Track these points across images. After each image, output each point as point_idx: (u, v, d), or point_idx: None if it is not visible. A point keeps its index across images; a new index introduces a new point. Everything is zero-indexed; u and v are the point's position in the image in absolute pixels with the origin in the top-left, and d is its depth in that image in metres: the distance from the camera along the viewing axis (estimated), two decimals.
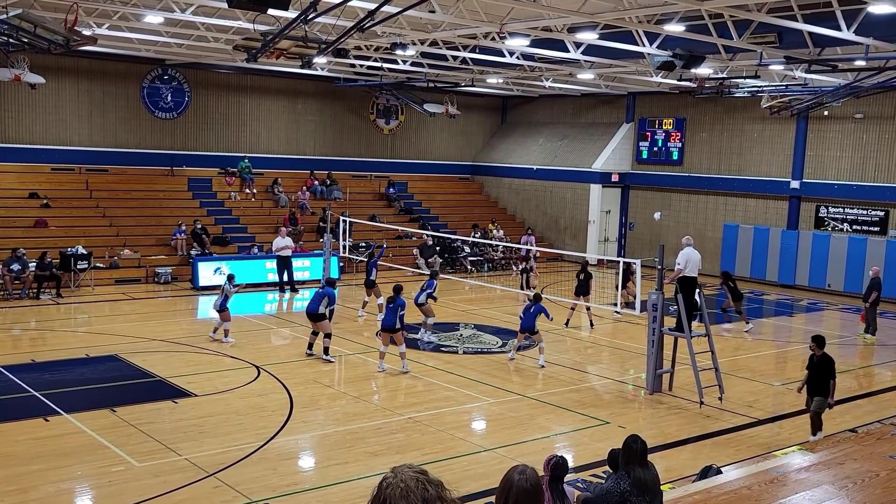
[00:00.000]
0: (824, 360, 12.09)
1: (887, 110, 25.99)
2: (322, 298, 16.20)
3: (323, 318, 16.29)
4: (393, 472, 2.95)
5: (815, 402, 12.06)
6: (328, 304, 16.44)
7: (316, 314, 16.16)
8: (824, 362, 12.06)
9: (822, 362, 12.08)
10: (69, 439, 11.39)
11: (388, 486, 2.90)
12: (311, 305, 16.37)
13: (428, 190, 35.33)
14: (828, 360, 12.05)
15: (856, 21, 15.46)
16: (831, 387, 11.95)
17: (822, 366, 12.07)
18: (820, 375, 12.02)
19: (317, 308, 16.12)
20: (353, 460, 10.94)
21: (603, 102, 34.19)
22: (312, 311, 16.21)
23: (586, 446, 11.88)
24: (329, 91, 32.58)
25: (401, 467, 2.98)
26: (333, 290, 17.18)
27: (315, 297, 16.38)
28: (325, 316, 16.40)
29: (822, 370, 12.03)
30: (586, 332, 20.32)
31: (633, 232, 33.17)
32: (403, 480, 2.89)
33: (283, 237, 24.45)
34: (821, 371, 12.04)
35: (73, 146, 27.71)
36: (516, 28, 17.70)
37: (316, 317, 16.19)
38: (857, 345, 19.93)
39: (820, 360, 12.12)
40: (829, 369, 11.97)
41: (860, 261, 25.58)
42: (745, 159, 29.68)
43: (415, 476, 2.90)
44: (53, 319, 19.96)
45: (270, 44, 16.02)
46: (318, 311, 16.13)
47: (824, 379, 11.96)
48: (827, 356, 12.10)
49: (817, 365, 12.13)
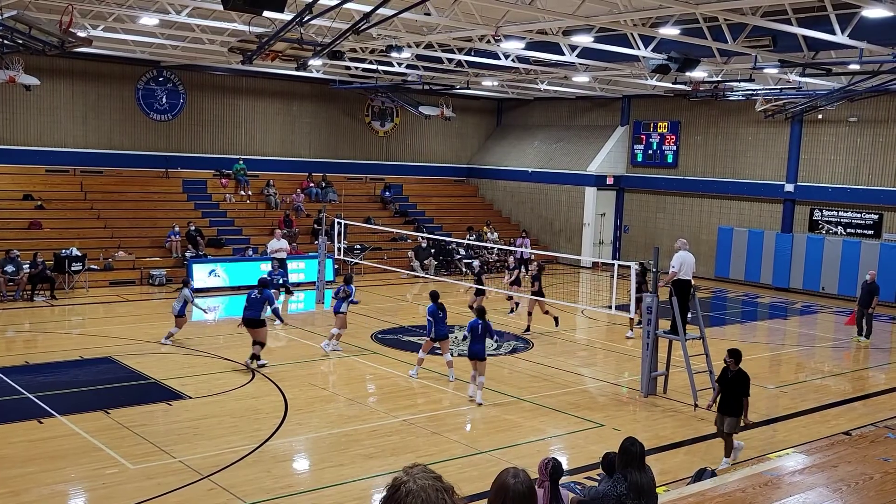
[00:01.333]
0: (739, 375, 11.30)
1: (881, 114, 26.07)
2: (262, 304, 15.25)
3: (262, 325, 15.28)
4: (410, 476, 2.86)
5: (727, 422, 11.24)
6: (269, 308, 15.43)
7: (255, 321, 15.24)
8: (739, 378, 11.29)
9: (737, 378, 11.30)
10: (63, 441, 11.36)
11: (407, 492, 2.81)
12: (249, 312, 15.30)
13: (423, 192, 35.34)
14: (743, 376, 11.29)
15: (850, 25, 15.50)
16: (745, 405, 11.24)
17: (736, 382, 11.28)
18: (734, 392, 11.22)
19: (257, 314, 15.23)
20: (347, 462, 10.93)
21: (598, 105, 34.24)
22: (252, 318, 15.23)
23: (581, 449, 11.88)
24: (324, 93, 32.57)
25: (415, 470, 2.89)
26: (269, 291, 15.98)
27: (254, 303, 15.31)
28: (264, 323, 15.36)
29: (737, 387, 11.24)
30: (581, 335, 20.33)
31: (628, 235, 33.21)
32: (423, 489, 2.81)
33: (279, 239, 24.44)
34: (735, 388, 11.25)
35: (68, 148, 27.65)
36: (511, 31, 17.72)
37: (254, 324, 15.25)
38: (851, 348, 19.97)
39: (735, 375, 11.32)
40: (744, 386, 11.23)
41: (854, 264, 25.65)
42: (739, 162, 29.74)
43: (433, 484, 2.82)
44: (47, 321, 19.91)
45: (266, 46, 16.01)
46: (258, 318, 15.23)
47: (738, 396, 11.19)
48: (742, 372, 11.34)
49: (732, 381, 11.30)
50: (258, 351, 15.34)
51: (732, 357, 11.40)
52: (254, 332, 15.33)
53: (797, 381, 16.55)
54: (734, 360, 11.35)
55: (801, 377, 17.09)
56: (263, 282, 16.39)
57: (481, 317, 13.88)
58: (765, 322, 23.99)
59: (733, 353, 11.46)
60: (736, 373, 11.31)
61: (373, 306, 22.34)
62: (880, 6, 13.68)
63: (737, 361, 11.37)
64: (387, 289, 25.62)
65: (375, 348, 17.74)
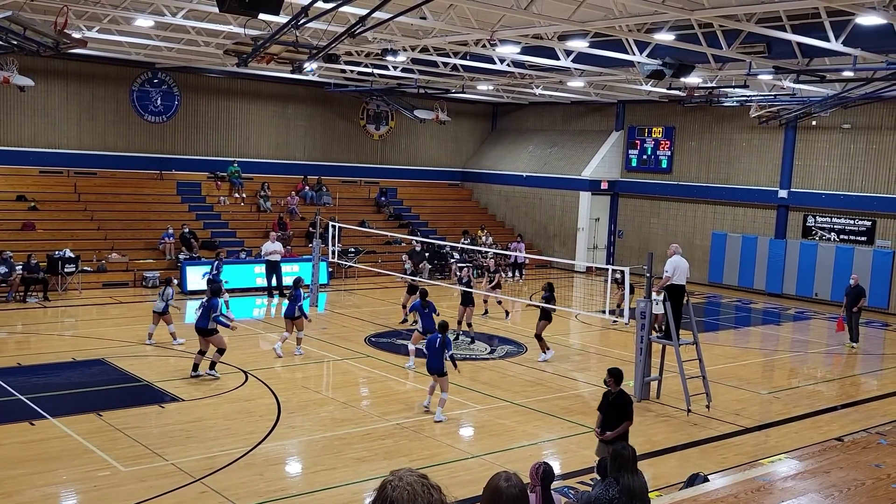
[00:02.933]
0: (620, 398, 10.16)
1: (875, 121, 26.17)
2: (209, 311, 14.80)
3: (213, 333, 14.83)
4: (396, 476, 2.94)
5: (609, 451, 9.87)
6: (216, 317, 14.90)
7: (205, 329, 14.81)
8: (620, 401, 10.14)
9: (618, 401, 10.15)
10: (55, 443, 11.32)
11: (393, 488, 2.88)
12: (199, 321, 14.94)
13: (418, 196, 35.35)
14: (624, 398, 10.15)
15: (844, 32, 15.56)
16: (621, 429, 9.97)
17: (616, 405, 10.12)
18: (614, 416, 10.07)
19: (206, 323, 14.80)
20: (340, 466, 10.92)
21: (593, 110, 34.31)
22: (202, 327, 14.82)
23: (574, 453, 11.88)
24: (319, 96, 32.57)
25: (402, 471, 2.97)
26: (219, 299, 15.58)
27: (203, 311, 14.92)
28: (216, 331, 14.88)
29: (617, 410, 10.08)
30: (574, 339, 20.34)
31: (622, 240, 33.26)
32: (409, 484, 2.88)
33: (273, 242, 24.41)
34: (615, 411, 10.10)
35: (62, 149, 27.60)
36: (507, 35, 17.75)
37: (205, 332, 14.81)
38: (843, 354, 20.03)
39: (615, 398, 10.17)
40: (626, 410, 10.06)
41: (847, 270, 25.69)
42: (733, 168, 29.82)
43: (419, 480, 2.91)
44: (40, 323, 19.85)
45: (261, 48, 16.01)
46: (206, 327, 14.80)
47: (619, 421, 10.02)
48: (624, 394, 10.20)
49: (612, 404, 10.16)
50: (217, 358, 14.93)
51: (612, 377, 10.24)
52: (204, 340, 14.87)
53: (790, 387, 16.59)
54: (614, 380, 10.21)
55: (793, 383, 17.12)
56: (214, 290, 15.96)
57: (443, 331, 13.25)
58: (758, 327, 24.04)
59: (613, 372, 10.27)
60: (617, 394, 10.18)
61: (366, 309, 22.34)
62: (874, 14, 13.74)
63: (617, 381, 10.23)
64: (381, 292, 25.60)
65: (369, 351, 17.73)
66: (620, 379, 10.25)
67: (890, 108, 25.54)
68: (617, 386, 10.17)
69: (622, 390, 10.19)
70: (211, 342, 14.93)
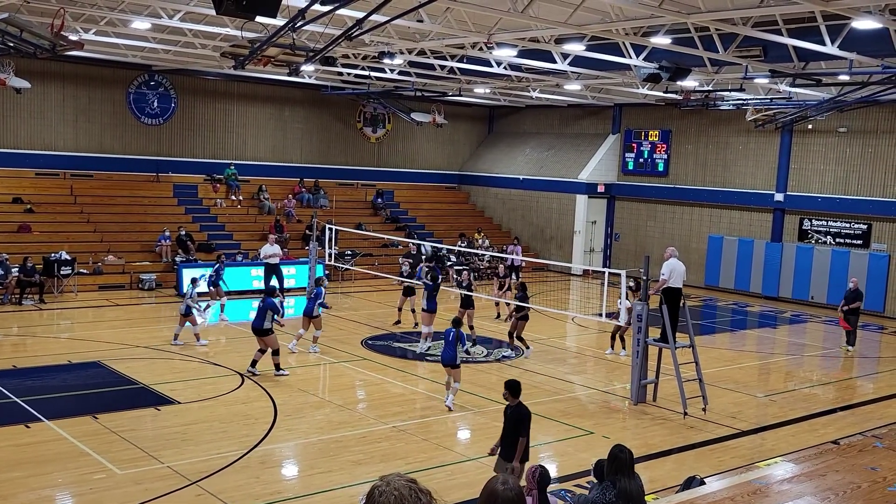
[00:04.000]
0: (517, 412, 9.42)
1: (871, 124, 26.23)
2: (265, 312, 15.29)
3: (268, 334, 15.31)
4: (384, 481, 2.95)
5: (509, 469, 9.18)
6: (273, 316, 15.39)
7: (261, 329, 15.30)
8: (517, 415, 9.40)
9: (515, 415, 9.41)
10: (50, 446, 11.30)
11: (380, 493, 2.90)
12: (255, 321, 15.42)
13: (414, 199, 35.35)
14: (521, 412, 9.40)
15: (840, 36, 15.60)
16: (519, 446, 9.24)
17: (513, 420, 9.40)
18: (512, 431, 9.37)
19: (261, 323, 15.29)
20: (337, 469, 10.91)
21: (589, 113, 34.34)
22: (257, 327, 15.33)
23: (570, 456, 11.89)
24: (316, 99, 32.56)
25: (391, 476, 2.99)
26: (274, 300, 15.99)
27: (259, 312, 15.42)
28: (271, 331, 15.39)
29: (514, 425, 9.36)
30: (571, 342, 20.35)
31: (619, 243, 33.28)
32: (397, 488, 2.90)
33: (272, 244, 24.32)
34: (512, 426, 9.39)
35: (58, 151, 27.56)
36: (504, 38, 17.77)
37: (262, 332, 15.30)
38: (840, 357, 20.05)
39: (513, 412, 9.45)
40: (522, 425, 9.33)
41: (843, 273, 25.75)
42: (729, 171, 29.86)
43: (407, 484, 2.92)
44: (36, 325, 19.81)
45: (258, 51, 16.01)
46: (262, 327, 15.28)
47: (516, 436, 9.31)
48: (522, 407, 9.46)
49: (509, 419, 9.47)
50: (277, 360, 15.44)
51: (508, 389, 9.50)
52: (261, 340, 15.41)
53: (786, 390, 16.61)
54: (510, 393, 9.48)
55: (789, 386, 17.15)
56: (269, 290, 16.50)
57: (456, 326, 14.03)
58: (754, 331, 24.06)
59: (508, 384, 9.54)
60: (514, 408, 9.47)
61: (363, 312, 22.34)
62: (870, 18, 13.78)
63: (513, 394, 9.48)
64: (377, 295, 25.59)
65: (365, 354, 17.72)
66: (517, 391, 9.51)
67: (886, 112, 25.60)
68: (515, 398, 9.47)
69: (520, 403, 9.49)
70: (266, 342, 15.28)
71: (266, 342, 15.35)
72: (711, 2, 14.15)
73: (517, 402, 9.46)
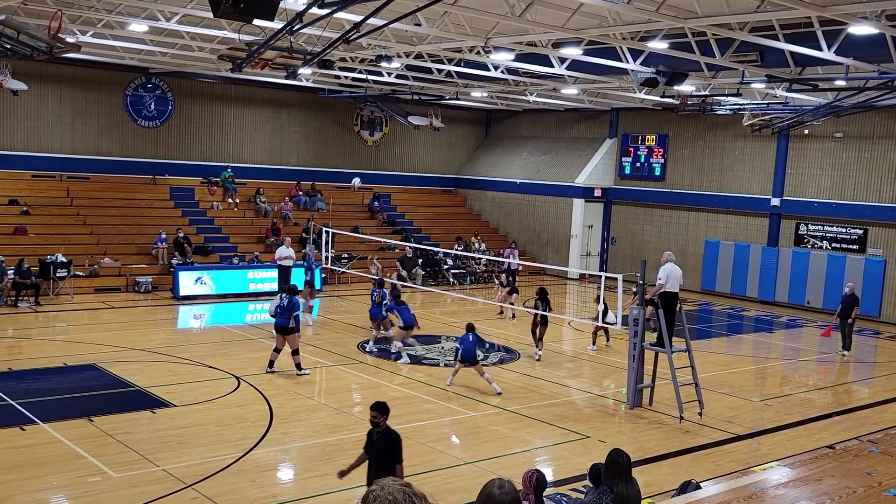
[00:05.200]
0: (387, 436, 8.43)
1: (867, 130, 26.29)
2: (290, 311, 15.64)
3: (293, 332, 15.75)
4: (379, 486, 2.95)
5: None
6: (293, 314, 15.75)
7: (286, 328, 15.68)
8: (387, 440, 8.40)
9: (384, 440, 8.41)
10: (45, 449, 11.27)
11: (375, 498, 2.90)
12: (280, 319, 15.74)
13: (411, 202, 35.36)
14: (392, 436, 8.44)
15: (836, 41, 15.64)
16: (398, 475, 8.09)
17: (383, 446, 8.39)
18: (383, 459, 8.30)
19: (287, 322, 15.63)
20: (332, 472, 10.83)
21: (586, 118, 34.39)
22: (283, 326, 15.68)
23: (567, 460, 11.88)
24: (313, 102, 32.57)
25: (385, 480, 2.98)
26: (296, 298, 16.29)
27: (283, 311, 15.72)
28: (296, 329, 15.87)
29: (384, 452, 8.34)
30: (567, 346, 20.36)
31: (615, 247, 33.31)
32: (391, 493, 2.90)
33: (287, 247, 24.15)
34: (381, 453, 8.36)
35: (55, 153, 27.53)
36: (501, 42, 17.79)
37: (286, 331, 15.69)
38: (835, 361, 20.08)
39: (381, 437, 8.45)
40: (394, 449, 8.33)
41: (839, 278, 25.79)
42: (726, 176, 29.91)
43: (401, 489, 2.92)
44: (31, 327, 19.77)
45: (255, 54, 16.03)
46: (288, 325, 15.65)
47: (389, 464, 8.21)
48: (391, 431, 8.49)
49: (377, 445, 8.45)
50: (298, 359, 15.72)
51: (376, 410, 8.52)
52: (284, 339, 15.76)
53: (782, 395, 16.62)
54: (378, 413, 8.52)
55: (785, 390, 17.16)
56: (290, 289, 16.62)
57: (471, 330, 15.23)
58: (750, 335, 24.09)
59: (376, 406, 8.55)
60: (383, 432, 8.50)
61: (360, 316, 22.29)
62: (866, 23, 13.82)
63: (382, 413, 8.56)
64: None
65: (362, 358, 17.71)
66: (386, 412, 8.56)
67: (882, 118, 25.67)
68: (383, 418, 8.53)
69: (388, 427, 8.54)
70: (288, 341, 15.63)
71: (289, 341, 15.72)
72: (708, 7, 14.19)
73: (385, 426, 8.52)
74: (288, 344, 15.72)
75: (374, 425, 8.58)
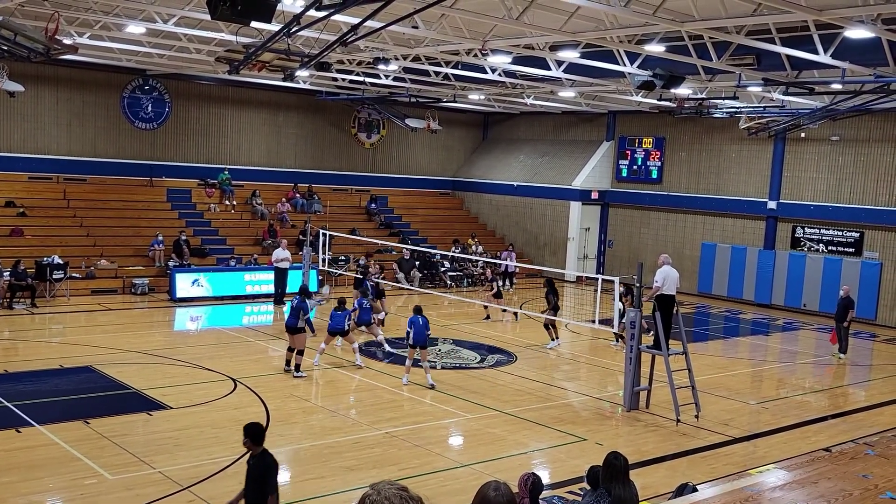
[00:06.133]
0: (262, 462, 7.77)
1: (863, 133, 26.34)
2: (299, 311, 16.00)
3: (302, 332, 16.07)
4: (375, 489, 2.95)
5: None
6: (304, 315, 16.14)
7: (295, 328, 15.98)
8: (262, 465, 7.75)
9: (259, 466, 7.76)
10: (41, 451, 11.24)
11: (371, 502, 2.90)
12: (289, 319, 16.16)
13: (408, 204, 35.36)
14: (266, 461, 7.75)
15: (833, 45, 15.68)
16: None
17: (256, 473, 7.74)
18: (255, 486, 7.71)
19: (296, 322, 15.96)
20: (329, 475, 10.88)
21: (583, 120, 34.42)
22: (291, 325, 16.03)
23: (563, 463, 11.88)
24: (311, 104, 32.57)
25: (381, 483, 2.99)
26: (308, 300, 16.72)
27: (292, 311, 16.16)
28: (304, 329, 16.23)
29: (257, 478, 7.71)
30: (564, 349, 20.36)
31: (612, 249, 33.33)
32: (388, 497, 2.90)
33: (284, 249, 24.16)
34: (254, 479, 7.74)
35: (52, 155, 27.50)
36: (498, 45, 17.80)
37: (294, 330, 15.99)
38: (831, 364, 20.10)
39: (256, 462, 7.80)
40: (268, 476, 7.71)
41: (835, 281, 25.82)
42: (723, 179, 29.95)
43: (397, 493, 2.92)
44: (27, 329, 19.74)
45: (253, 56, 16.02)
46: (297, 325, 15.95)
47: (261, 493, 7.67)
48: (267, 456, 7.80)
49: (251, 471, 7.80)
50: (299, 360, 15.90)
51: (249, 435, 7.83)
52: (293, 339, 16.02)
53: (778, 397, 16.63)
54: (250, 440, 7.83)
55: (782, 393, 17.18)
56: (304, 289, 17.04)
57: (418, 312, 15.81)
58: (747, 338, 24.11)
59: (248, 429, 7.85)
60: (258, 457, 7.82)
61: None
62: (862, 27, 13.85)
63: (255, 441, 7.83)
64: None
65: None
66: (259, 437, 7.86)
67: (878, 121, 25.72)
68: (256, 446, 7.83)
69: (265, 451, 7.84)
70: (296, 341, 15.90)
71: (296, 341, 15.94)
72: (705, 10, 14.21)
73: (261, 450, 7.83)
74: (295, 343, 15.98)
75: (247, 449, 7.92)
